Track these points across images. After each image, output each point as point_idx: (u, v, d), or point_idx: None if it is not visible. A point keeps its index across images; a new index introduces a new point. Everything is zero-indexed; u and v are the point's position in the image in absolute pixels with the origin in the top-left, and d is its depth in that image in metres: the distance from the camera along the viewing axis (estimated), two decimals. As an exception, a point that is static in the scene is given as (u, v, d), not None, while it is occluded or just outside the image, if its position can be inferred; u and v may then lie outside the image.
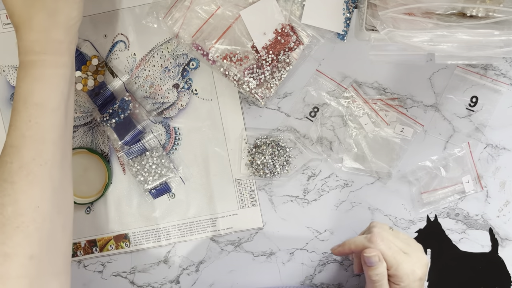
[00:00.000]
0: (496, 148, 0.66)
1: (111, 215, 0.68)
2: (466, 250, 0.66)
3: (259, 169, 0.65)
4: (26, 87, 0.50)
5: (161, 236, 0.67)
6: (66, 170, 0.53)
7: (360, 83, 0.65)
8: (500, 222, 0.66)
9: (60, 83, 0.51)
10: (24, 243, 0.47)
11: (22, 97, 0.50)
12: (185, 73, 0.66)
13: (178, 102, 0.66)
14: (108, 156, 0.67)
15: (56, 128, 0.51)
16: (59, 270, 0.51)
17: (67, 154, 0.54)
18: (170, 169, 0.66)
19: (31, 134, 0.49)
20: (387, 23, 0.55)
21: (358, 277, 0.67)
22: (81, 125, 0.67)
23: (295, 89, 0.66)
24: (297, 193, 0.67)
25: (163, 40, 0.65)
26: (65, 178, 0.53)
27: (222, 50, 0.61)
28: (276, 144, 0.65)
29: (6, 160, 0.49)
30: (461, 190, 0.65)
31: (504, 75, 0.65)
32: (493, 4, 0.54)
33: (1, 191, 0.48)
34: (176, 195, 0.67)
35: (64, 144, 0.52)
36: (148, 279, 0.68)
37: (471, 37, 0.51)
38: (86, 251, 0.68)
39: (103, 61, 0.65)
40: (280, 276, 0.68)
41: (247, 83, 0.61)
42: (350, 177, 0.66)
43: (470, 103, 0.65)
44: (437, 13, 0.56)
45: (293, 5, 0.62)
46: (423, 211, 0.66)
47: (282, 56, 0.62)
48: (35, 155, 0.49)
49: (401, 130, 0.64)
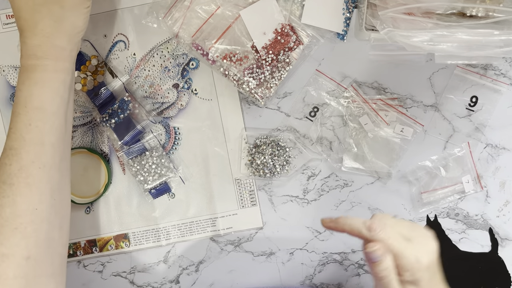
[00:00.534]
0: (496, 148, 0.65)
1: (111, 215, 0.68)
2: (466, 250, 0.66)
3: (259, 169, 0.65)
4: (26, 90, 0.50)
5: (161, 236, 0.67)
6: (64, 172, 0.54)
7: (360, 83, 0.65)
8: (500, 222, 0.66)
9: (60, 88, 0.52)
10: (21, 244, 0.47)
11: (22, 101, 0.50)
12: (185, 73, 0.66)
13: (178, 102, 0.66)
14: (108, 156, 0.67)
15: (56, 132, 0.51)
16: (56, 270, 0.51)
17: (65, 156, 0.54)
18: (170, 169, 0.66)
19: (30, 137, 0.49)
20: (387, 23, 0.55)
21: (358, 277, 0.67)
22: (81, 125, 0.67)
23: (295, 89, 0.66)
24: (297, 193, 0.67)
25: (163, 40, 0.65)
26: (63, 180, 0.53)
27: (222, 50, 0.61)
28: (276, 144, 0.65)
29: (5, 162, 0.49)
30: (461, 190, 0.65)
31: (504, 75, 0.65)
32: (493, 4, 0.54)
33: (0, 192, 0.48)
34: (176, 195, 0.67)
35: (63, 147, 0.53)
36: (148, 279, 0.68)
37: (471, 37, 0.51)
38: (86, 251, 0.68)
39: (102, 61, 0.65)
40: (280, 276, 0.68)
41: (247, 83, 0.61)
42: (350, 177, 0.66)
43: (470, 103, 0.65)
44: (437, 13, 0.56)
45: (293, 5, 0.62)
46: (423, 211, 0.66)
47: (282, 56, 0.62)
48: (34, 158, 0.49)
49: (401, 130, 0.64)
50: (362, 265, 0.67)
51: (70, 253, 0.68)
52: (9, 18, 0.66)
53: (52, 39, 0.51)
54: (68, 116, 0.54)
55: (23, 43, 0.51)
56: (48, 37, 0.51)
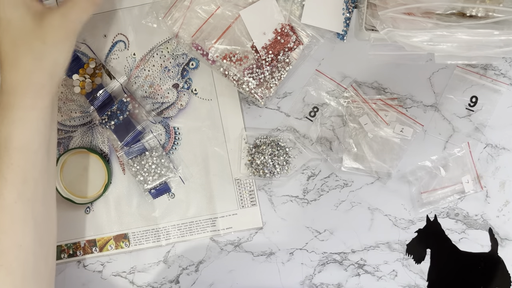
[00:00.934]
0: (496, 148, 0.65)
1: (111, 215, 0.68)
2: (466, 250, 0.66)
3: (259, 169, 0.65)
4: (6, 130, 0.49)
5: (160, 236, 0.67)
6: (49, 201, 0.53)
7: (360, 83, 0.65)
8: (499, 222, 0.66)
9: (41, 126, 0.50)
10: (7, 280, 0.48)
11: (2, 141, 0.49)
12: (185, 73, 0.66)
13: (177, 102, 0.66)
14: (107, 156, 0.67)
15: (38, 167, 0.50)
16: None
17: (50, 185, 0.53)
18: (170, 169, 0.66)
19: (12, 176, 0.48)
20: (387, 23, 0.55)
21: (358, 277, 0.67)
22: (80, 125, 0.67)
23: (295, 89, 0.66)
24: (296, 193, 0.67)
25: (162, 40, 0.65)
26: (48, 210, 0.53)
27: (221, 50, 0.61)
28: (276, 144, 0.65)
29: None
30: (461, 190, 0.65)
31: (503, 75, 0.65)
32: (493, 4, 0.54)
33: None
34: (176, 195, 0.67)
35: (46, 180, 0.52)
36: (148, 279, 0.68)
37: (470, 37, 0.51)
38: (85, 251, 0.68)
39: (100, 63, 0.65)
40: (279, 276, 0.68)
41: (246, 83, 0.61)
42: (349, 177, 0.66)
43: (470, 103, 0.65)
44: (436, 13, 0.56)
45: (293, 5, 0.62)
46: (422, 211, 0.66)
47: (282, 56, 0.62)
48: (17, 197, 0.49)
49: (400, 130, 0.64)
50: (362, 265, 0.67)
51: (70, 253, 0.68)
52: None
53: (32, 76, 0.49)
54: (50, 151, 0.52)
55: (2, 78, 0.49)
56: (28, 74, 0.49)
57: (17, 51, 0.49)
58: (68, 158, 0.66)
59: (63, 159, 0.66)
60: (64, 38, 0.50)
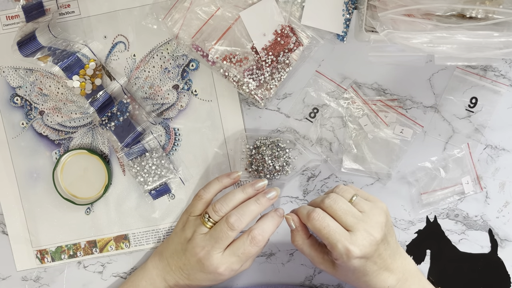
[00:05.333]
0: (496, 149, 0.66)
1: (111, 216, 0.68)
2: (466, 251, 0.66)
3: (259, 170, 0.65)
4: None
5: (161, 237, 0.68)
6: None
7: (360, 84, 0.65)
8: (499, 223, 0.66)
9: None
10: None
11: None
12: (185, 74, 0.66)
13: (178, 103, 0.66)
14: (108, 157, 0.67)
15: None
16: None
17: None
18: (170, 170, 0.66)
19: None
20: (387, 24, 0.55)
21: (358, 278, 0.67)
22: (80, 126, 0.67)
23: (295, 90, 0.66)
24: (297, 194, 0.67)
25: (163, 41, 0.66)
26: None
27: (221, 51, 0.61)
28: (276, 145, 0.65)
29: None
30: (461, 191, 0.65)
31: (503, 76, 0.65)
32: (493, 6, 0.54)
33: None
34: (176, 195, 0.67)
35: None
36: (148, 280, 0.68)
37: (470, 38, 0.51)
38: (86, 251, 0.68)
39: (100, 65, 0.65)
40: (280, 277, 0.68)
41: (246, 84, 0.62)
42: (349, 178, 0.66)
43: (470, 104, 0.65)
44: (436, 15, 0.56)
45: (293, 6, 0.62)
46: (422, 212, 0.66)
47: (282, 57, 0.62)
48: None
49: (400, 131, 0.64)
50: (362, 266, 0.67)
51: (70, 253, 0.68)
52: (9, 19, 0.66)
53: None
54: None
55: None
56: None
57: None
58: (69, 159, 0.66)
59: (63, 160, 0.66)
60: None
